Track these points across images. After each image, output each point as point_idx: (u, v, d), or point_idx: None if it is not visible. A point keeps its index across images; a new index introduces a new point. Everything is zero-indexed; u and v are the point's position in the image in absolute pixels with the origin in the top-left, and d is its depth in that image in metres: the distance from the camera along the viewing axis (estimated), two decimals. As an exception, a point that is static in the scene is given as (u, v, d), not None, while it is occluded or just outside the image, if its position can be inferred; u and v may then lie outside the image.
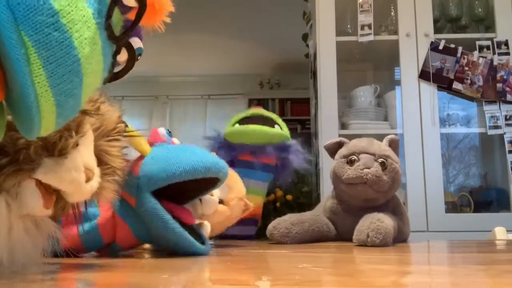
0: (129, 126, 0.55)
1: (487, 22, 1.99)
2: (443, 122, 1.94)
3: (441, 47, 1.84)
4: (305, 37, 2.52)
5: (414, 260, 0.67)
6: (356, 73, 2.21)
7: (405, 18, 1.88)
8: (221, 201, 0.79)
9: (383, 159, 0.94)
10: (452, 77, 1.84)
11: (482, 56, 1.84)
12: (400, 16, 1.89)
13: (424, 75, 1.83)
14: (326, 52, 1.87)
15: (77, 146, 0.40)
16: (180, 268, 0.52)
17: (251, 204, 0.88)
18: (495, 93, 1.82)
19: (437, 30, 1.91)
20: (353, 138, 1.03)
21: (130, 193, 0.61)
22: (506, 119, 1.80)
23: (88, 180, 0.41)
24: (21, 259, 0.41)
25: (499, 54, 1.84)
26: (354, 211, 0.96)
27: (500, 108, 1.82)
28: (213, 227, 0.76)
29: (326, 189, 1.70)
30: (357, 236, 0.84)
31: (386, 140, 1.00)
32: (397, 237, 0.89)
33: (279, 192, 2.16)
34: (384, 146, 0.98)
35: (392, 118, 1.94)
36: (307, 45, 2.43)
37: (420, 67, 1.84)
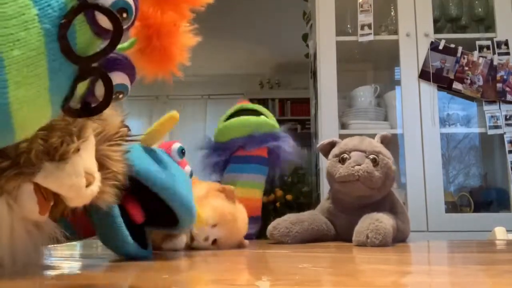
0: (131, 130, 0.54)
1: (487, 22, 1.98)
2: (443, 122, 1.94)
3: (441, 47, 1.84)
4: (305, 37, 2.53)
5: (414, 260, 0.67)
6: (356, 73, 2.21)
7: (405, 18, 1.88)
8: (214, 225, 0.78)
9: (374, 155, 0.94)
10: (452, 77, 1.84)
11: (482, 56, 1.84)
12: (400, 16, 1.89)
13: (424, 75, 1.83)
14: (326, 52, 1.87)
15: (79, 151, 0.40)
16: (180, 268, 0.52)
17: (227, 186, 0.85)
18: (495, 93, 1.82)
19: (437, 30, 1.91)
20: (353, 138, 1.03)
21: None
22: (506, 119, 1.80)
23: (88, 184, 0.41)
24: (22, 260, 0.42)
25: (499, 54, 1.84)
26: (350, 211, 0.96)
27: (500, 108, 1.82)
28: (237, 231, 0.81)
29: (326, 189, 1.70)
30: (356, 237, 0.84)
31: (377, 137, 1.00)
32: (397, 236, 0.89)
33: (279, 192, 2.16)
34: (375, 143, 0.98)
35: (392, 118, 1.94)
36: (307, 45, 2.43)
37: (420, 67, 1.84)
